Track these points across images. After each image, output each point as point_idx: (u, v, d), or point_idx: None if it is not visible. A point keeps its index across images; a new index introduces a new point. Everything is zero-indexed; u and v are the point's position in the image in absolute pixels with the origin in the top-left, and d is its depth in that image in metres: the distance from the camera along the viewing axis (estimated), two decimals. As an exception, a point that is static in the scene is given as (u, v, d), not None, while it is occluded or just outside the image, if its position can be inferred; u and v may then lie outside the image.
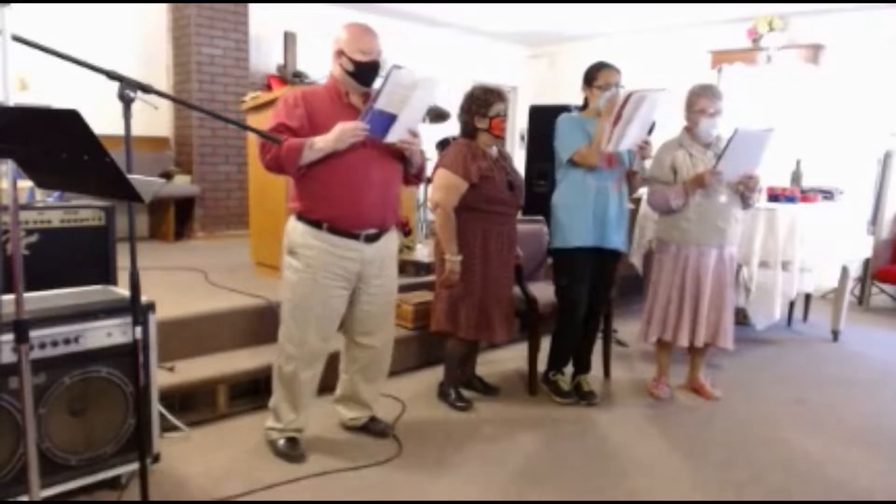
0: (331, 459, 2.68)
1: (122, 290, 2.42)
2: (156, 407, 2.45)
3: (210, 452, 2.70)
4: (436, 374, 3.54)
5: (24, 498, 1.92)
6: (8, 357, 1.96)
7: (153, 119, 5.23)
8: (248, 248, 4.44)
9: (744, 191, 3.30)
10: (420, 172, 2.81)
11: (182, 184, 5.62)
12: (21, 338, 1.65)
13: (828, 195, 4.86)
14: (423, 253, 4.56)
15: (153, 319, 2.37)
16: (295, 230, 2.59)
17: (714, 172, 3.15)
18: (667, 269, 3.40)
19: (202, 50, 5.69)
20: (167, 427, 2.75)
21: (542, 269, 4.00)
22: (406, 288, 4.08)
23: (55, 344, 2.12)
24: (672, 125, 3.41)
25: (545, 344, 3.57)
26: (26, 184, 2.53)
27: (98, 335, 2.21)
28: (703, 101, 3.26)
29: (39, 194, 2.85)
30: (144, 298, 2.19)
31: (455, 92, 3.89)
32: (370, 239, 2.61)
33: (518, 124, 8.34)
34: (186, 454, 2.66)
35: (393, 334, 2.90)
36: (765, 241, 4.13)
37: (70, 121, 1.40)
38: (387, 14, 7.16)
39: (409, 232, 4.18)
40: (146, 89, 1.80)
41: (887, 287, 6.03)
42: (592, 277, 3.32)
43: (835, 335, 4.83)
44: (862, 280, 5.98)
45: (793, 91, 6.53)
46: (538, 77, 8.64)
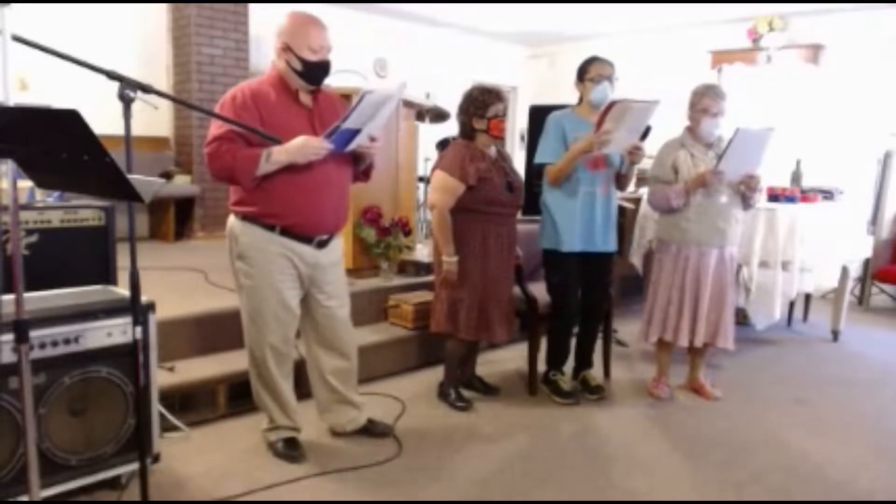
0: (331, 459, 2.67)
1: (122, 290, 2.42)
2: (156, 407, 2.45)
3: (210, 452, 2.70)
4: (436, 374, 3.54)
5: (24, 498, 1.92)
6: (8, 357, 1.96)
7: (153, 119, 5.22)
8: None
9: (745, 191, 3.30)
10: (368, 170, 2.73)
11: (182, 184, 5.62)
12: (21, 338, 1.65)
13: (828, 195, 4.85)
14: (423, 253, 4.57)
15: (153, 319, 2.37)
16: (244, 233, 2.48)
17: (715, 172, 3.15)
18: (667, 270, 3.40)
19: (202, 50, 5.70)
20: (167, 427, 2.75)
21: (542, 269, 3.99)
22: (406, 288, 4.09)
23: (55, 344, 2.12)
24: (672, 127, 3.41)
25: (545, 344, 3.57)
26: (26, 184, 2.52)
27: (98, 335, 2.21)
28: (707, 101, 3.25)
29: (39, 194, 2.85)
30: (144, 298, 2.19)
31: (455, 92, 3.88)
32: (322, 244, 2.57)
33: (518, 124, 8.34)
34: (186, 454, 2.66)
35: (355, 335, 2.87)
36: (765, 241, 4.13)
37: (70, 121, 1.40)
38: (387, 14, 7.16)
39: (409, 232, 4.18)
40: (146, 89, 1.81)
41: (887, 287, 6.03)
42: (583, 278, 3.34)
43: (835, 335, 4.83)
44: (862, 280, 5.97)
45: (793, 91, 6.52)
46: (538, 77, 8.64)
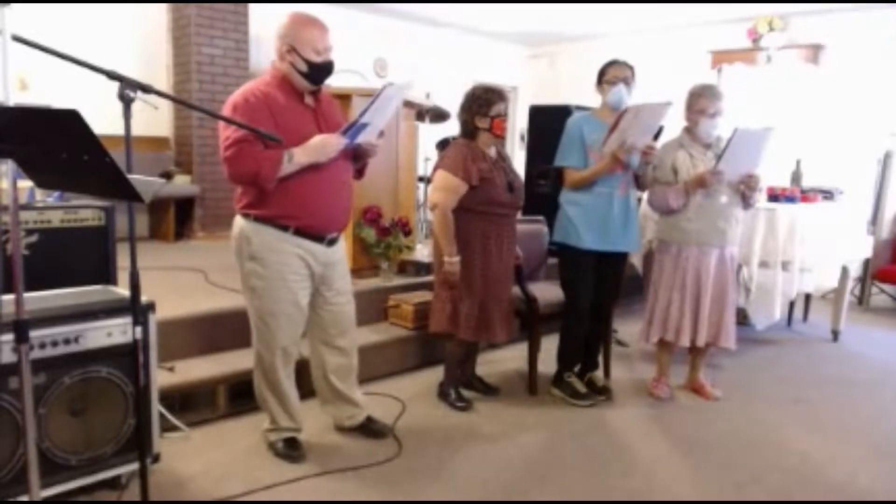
0: (331, 459, 2.68)
1: (122, 290, 2.42)
2: (156, 407, 2.45)
3: (210, 452, 2.70)
4: (436, 374, 3.53)
5: (24, 498, 1.92)
6: (8, 357, 1.96)
7: (153, 119, 5.22)
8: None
9: (745, 190, 3.30)
10: (363, 168, 2.77)
11: (182, 184, 5.62)
12: (21, 338, 1.65)
13: (828, 195, 4.86)
14: (423, 253, 4.56)
15: (153, 319, 2.37)
16: (257, 234, 2.48)
17: (714, 172, 3.15)
18: (667, 270, 3.40)
19: (202, 50, 5.70)
20: (167, 427, 2.75)
21: (542, 269, 3.99)
22: (406, 288, 4.08)
23: (55, 344, 2.12)
24: (672, 127, 3.41)
25: (545, 344, 3.57)
26: (26, 184, 2.52)
27: (98, 335, 2.21)
28: (703, 102, 3.25)
29: (39, 194, 2.85)
30: (144, 298, 2.19)
31: (455, 92, 3.88)
32: (332, 242, 2.61)
33: (518, 124, 8.34)
34: (186, 454, 2.66)
35: (357, 332, 2.90)
36: (765, 241, 4.13)
37: (70, 121, 1.40)
38: (387, 14, 7.16)
39: (410, 232, 4.18)
40: (146, 89, 1.80)
41: (887, 287, 6.03)
42: (595, 277, 3.33)
43: (835, 335, 4.83)
44: (862, 280, 5.97)
45: (793, 91, 6.52)
46: (538, 77, 8.65)
